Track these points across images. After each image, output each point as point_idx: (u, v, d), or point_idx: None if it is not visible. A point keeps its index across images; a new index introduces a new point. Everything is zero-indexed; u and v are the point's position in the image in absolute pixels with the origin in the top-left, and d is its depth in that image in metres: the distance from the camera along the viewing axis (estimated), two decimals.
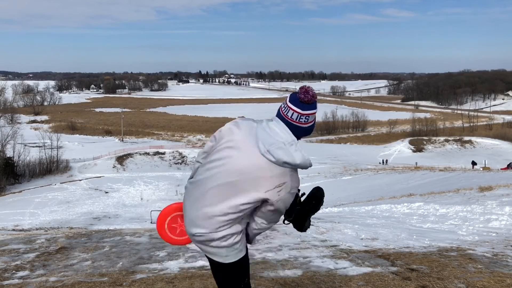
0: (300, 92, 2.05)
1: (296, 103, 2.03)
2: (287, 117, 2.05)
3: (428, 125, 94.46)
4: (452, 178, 24.87)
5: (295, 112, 2.03)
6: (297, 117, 2.03)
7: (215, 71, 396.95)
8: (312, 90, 2.06)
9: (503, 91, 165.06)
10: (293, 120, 2.04)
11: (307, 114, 2.03)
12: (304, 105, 2.03)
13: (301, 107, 2.03)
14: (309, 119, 2.06)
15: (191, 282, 3.88)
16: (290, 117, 2.04)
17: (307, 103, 2.03)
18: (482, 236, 6.57)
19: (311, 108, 2.04)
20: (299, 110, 2.02)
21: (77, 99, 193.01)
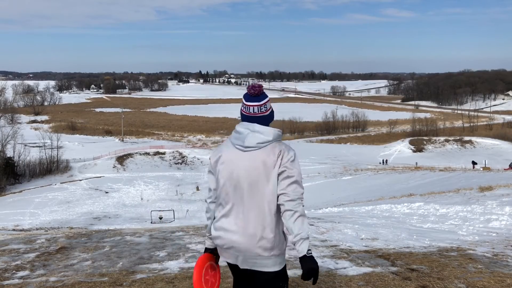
0: (248, 89, 2.42)
1: (249, 99, 2.41)
2: (247, 112, 2.41)
3: (428, 125, 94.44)
4: (452, 178, 24.86)
5: (250, 106, 2.39)
6: (253, 109, 2.39)
7: (215, 71, 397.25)
8: (258, 85, 2.43)
9: (503, 91, 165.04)
10: (251, 113, 2.40)
11: (260, 104, 2.39)
12: (254, 98, 2.40)
13: (253, 100, 2.40)
14: (262, 109, 2.40)
15: (191, 282, 3.88)
16: (249, 112, 2.40)
17: (257, 95, 2.40)
18: (482, 236, 6.56)
19: (262, 99, 2.40)
20: (256, 103, 2.39)
21: (77, 99, 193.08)
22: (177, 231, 6.49)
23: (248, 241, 2.28)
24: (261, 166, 2.29)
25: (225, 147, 2.44)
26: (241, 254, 2.33)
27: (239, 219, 2.32)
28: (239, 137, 2.39)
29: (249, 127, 2.38)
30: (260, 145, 2.33)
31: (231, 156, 2.38)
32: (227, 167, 2.37)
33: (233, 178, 2.34)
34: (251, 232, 2.28)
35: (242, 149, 2.35)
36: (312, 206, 25.55)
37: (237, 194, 2.33)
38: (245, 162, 2.32)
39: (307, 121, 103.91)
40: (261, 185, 2.29)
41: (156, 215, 35.93)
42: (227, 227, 2.34)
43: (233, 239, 2.32)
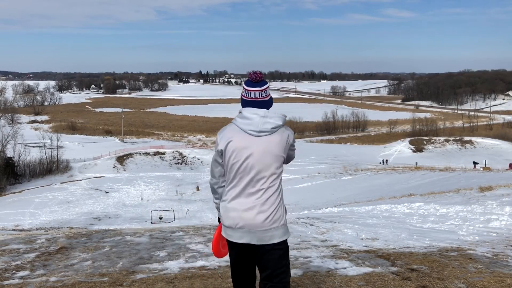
0: (250, 75, 2.58)
1: (250, 84, 2.57)
2: (248, 97, 2.57)
3: (428, 125, 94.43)
4: (452, 178, 24.85)
5: (251, 91, 2.56)
6: (254, 94, 2.55)
7: (215, 71, 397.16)
8: (258, 72, 2.58)
9: (503, 91, 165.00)
10: (252, 98, 2.56)
11: (261, 89, 2.57)
12: (255, 84, 2.57)
13: (254, 85, 2.57)
14: (262, 94, 2.57)
15: (191, 282, 3.88)
16: (250, 96, 2.56)
17: (258, 81, 2.57)
18: (483, 236, 6.56)
19: (262, 85, 2.58)
20: (257, 88, 2.56)
21: (77, 99, 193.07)
22: (177, 231, 6.49)
23: (264, 217, 2.47)
24: (274, 149, 2.49)
25: (233, 132, 2.52)
26: (256, 231, 2.48)
27: (254, 198, 2.48)
28: (250, 123, 2.49)
29: (257, 112, 2.51)
30: (273, 130, 2.50)
31: (244, 141, 2.48)
32: (241, 152, 2.48)
33: (248, 162, 2.47)
34: (265, 209, 2.47)
35: (256, 134, 2.48)
36: (312, 206, 25.55)
37: (250, 176, 2.48)
38: (259, 147, 2.47)
39: (307, 121, 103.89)
40: (274, 167, 2.50)
41: (156, 215, 35.93)
42: (242, 207, 2.49)
43: (248, 217, 2.47)
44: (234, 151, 2.49)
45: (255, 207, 2.48)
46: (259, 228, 2.47)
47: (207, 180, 53.94)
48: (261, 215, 2.47)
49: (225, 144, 2.51)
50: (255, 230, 2.48)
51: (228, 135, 2.53)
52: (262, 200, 2.48)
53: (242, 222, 2.49)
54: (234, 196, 2.52)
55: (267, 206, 2.48)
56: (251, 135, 2.48)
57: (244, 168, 2.48)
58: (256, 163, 2.47)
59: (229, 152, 2.50)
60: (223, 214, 2.57)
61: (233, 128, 2.55)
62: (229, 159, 2.51)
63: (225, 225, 2.56)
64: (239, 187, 2.52)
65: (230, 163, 2.52)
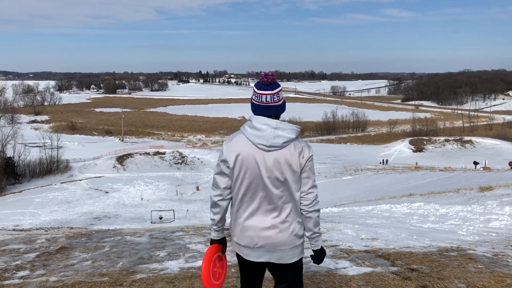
0: (261, 77, 2.36)
1: (261, 87, 2.34)
2: (259, 101, 2.34)
3: (428, 125, 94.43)
4: (452, 178, 24.85)
5: (262, 95, 2.32)
6: (265, 98, 2.32)
7: (215, 71, 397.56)
8: (271, 73, 2.36)
9: (503, 91, 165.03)
10: (263, 102, 2.33)
11: (273, 93, 2.33)
12: (267, 87, 2.33)
13: (266, 88, 2.33)
14: (274, 98, 2.34)
15: (191, 282, 3.88)
16: (261, 100, 2.33)
17: (269, 84, 2.34)
18: (482, 236, 6.56)
19: (274, 88, 2.34)
20: (269, 92, 2.32)
21: (77, 99, 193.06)
22: (177, 231, 6.49)
23: (285, 237, 2.34)
24: (286, 165, 2.30)
25: (242, 144, 2.33)
26: (276, 250, 2.36)
27: (271, 216, 2.34)
28: (260, 135, 2.29)
29: (268, 123, 2.31)
30: (284, 145, 2.30)
31: (252, 155, 2.30)
32: (250, 167, 2.30)
33: (260, 178, 2.30)
34: (285, 227, 2.34)
35: (266, 149, 2.29)
36: None
37: (265, 192, 2.32)
38: (270, 162, 2.29)
39: (307, 121, 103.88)
40: (290, 183, 2.32)
41: (156, 215, 35.94)
42: (260, 225, 2.34)
43: (267, 235, 2.33)
44: (244, 165, 2.31)
45: (275, 227, 2.34)
46: (280, 247, 2.35)
47: (207, 180, 54.10)
48: (282, 234, 2.34)
49: (234, 156, 2.32)
50: (276, 249, 2.35)
51: (236, 146, 2.33)
52: (281, 218, 2.34)
53: (262, 242, 2.34)
54: (250, 213, 2.36)
55: (287, 224, 2.35)
56: (260, 149, 2.29)
57: (257, 184, 2.31)
58: (268, 179, 2.30)
59: (238, 165, 2.32)
60: (238, 233, 2.40)
61: (242, 139, 2.34)
62: (238, 173, 2.33)
63: (241, 244, 2.40)
64: (254, 204, 2.35)
65: (239, 178, 2.33)
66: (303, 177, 2.35)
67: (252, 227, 2.35)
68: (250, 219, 2.36)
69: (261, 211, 2.34)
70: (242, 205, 2.37)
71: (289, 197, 2.34)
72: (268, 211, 2.34)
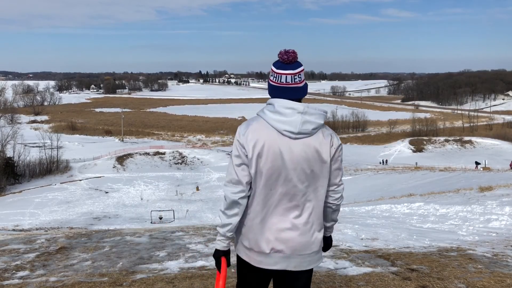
0: (281, 55, 2.04)
1: (281, 66, 2.03)
2: (278, 82, 2.03)
3: (428, 125, 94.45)
4: (452, 178, 24.85)
5: (282, 75, 2.01)
6: (285, 79, 2.01)
7: (215, 71, 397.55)
8: (292, 50, 2.04)
9: (503, 91, 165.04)
10: (283, 83, 2.02)
11: (294, 73, 2.02)
12: (287, 65, 2.02)
13: (286, 67, 2.02)
14: (296, 79, 2.03)
15: (191, 282, 3.88)
16: (280, 81, 2.02)
17: (290, 62, 2.02)
18: (482, 236, 6.57)
19: (296, 67, 2.03)
20: (289, 71, 2.01)
21: (77, 99, 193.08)
22: (177, 231, 6.49)
23: (306, 238, 2.05)
24: (315, 155, 2.00)
25: (262, 130, 1.99)
26: (294, 256, 2.05)
27: (292, 216, 2.03)
28: (285, 121, 1.96)
29: (294, 107, 1.98)
30: (313, 132, 2.00)
31: (276, 143, 1.97)
32: (272, 157, 1.97)
33: (282, 171, 1.98)
34: (307, 229, 2.05)
35: (293, 137, 1.97)
36: None
37: (285, 187, 2.01)
38: (296, 152, 1.97)
39: None
40: (316, 177, 2.03)
41: (156, 215, 35.93)
42: (279, 226, 2.03)
43: (287, 238, 2.02)
44: (264, 155, 1.97)
45: (296, 228, 2.03)
46: (300, 252, 2.04)
47: (207, 180, 54.13)
48: (303, 237, 2.04)
49: (252, 144, 1.98)
50: (295, 254, 2.04)
51: (257, 134, 1.98)
52: (303, 218, 2.03)
53: (280, 246, 2.02)
54: (267, 212, 2.03)
55: (308, 226, 2.05)
56: (286, 136, 1.97)
57: (277, 177, 1.99)
58: (292, 172, 1.98)
59: (256, 155, 1.97)
60: (251, 236, 2.05)
61: (262, 124, 2.01)
62: (256, 164, 1.99)
63: (255, 250, 2.05)
64: (272, 201, 2.02)
65: (257, 171, 1.99)
66: (333, 168, 2.07)
67: (269, 229, 2.03)
68: (267, 220, 2.03)
69: (280, 210, 2.03)
70: (258, 202, 2.03)
71: (312, 193, 2.04)
72: (288, 209, 2.03)
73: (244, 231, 2.08)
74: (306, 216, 2.05)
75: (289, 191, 2.01)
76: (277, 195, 2.01)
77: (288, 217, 2.03)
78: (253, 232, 2.05)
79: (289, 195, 2.02)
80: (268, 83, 2.08)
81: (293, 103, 1.98)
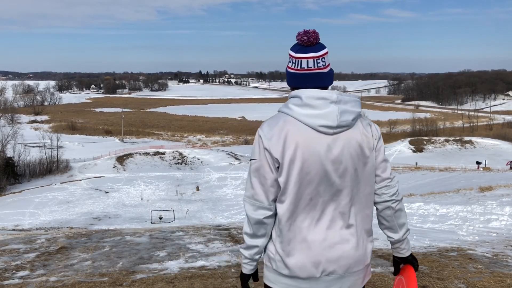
0: (299, 36, 1.72)
1: (300, 49, 1.70)
2: (297, 69, 1.70)
3: (428, 125, 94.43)
4: (452, 178, 24.85)
5: (302, 59, 1.68)
6: (307, 63, 1.68)
7: (215, 71, 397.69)
8: (312, 30, 1.73)
9: (503, 91, 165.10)
10: (303, 70, 1.69)
11: (317, 56, 1.69)
12: (308, 48, 1.70)
13: (307, 50, 1.70)
14: (319, 63, 1.70)
15: (191, 282, 3.88)
16: (300, 67, 1.69)
17: (311, 44, 1.70)
18: (482, 236, 6.56)
19: (319, 49, 1.70)
20: (311, 54, 1.69)
21: (77, 99, 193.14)
22: (177, 231, 6.49)
23: (358, 251, 1.71)
24: (358, 150, 1.67)
25: (292, 129, 1.64)
26: (348, 274, 1.70)
27: (339, 226, 1.69)
28: (319, 114, 1.62)
29: (325, 96, 1.64)
30: (352, 123, 1.67)
31: (312, 142, 1.62)
32: (309, 160, 1.62)
33: (320, 174, 1.64)
34: (357, 239, 1.71)
35: (331, 132, 1.63)
36: None
37: (328, 193, 1.66)
38: (337, 149, 1.64)
39: None
40: (360, 175, 1.69)
41: (156, 215, 35.94)
42: (327, 241, 1.67)
43: (339, 255, 1.67)
44: (298, 158, 1.62)
45: (346, 240, 1.68)
46: (353, 268, 1.70)
47: (207, 180, 54.11)
48: (355, 250, 1.70)
49: (281, 148, 1.63)
50: (349, 272, 1.70)
51: (285, 134, 1.63)
52: (351, 228, 1.69)
53: (332, 265, 1.66)
54: (309, 227, 1.66)
55: (359, 236, 1.71)
56: (322, 132, 1.63)
57: (319, 182, 1.64)
58: (334, 175, 1.64)
59: (288, 160, 1.62)
60: (293, 261, 1.66)
61: (291, 123, 1.65)
62: (289, 170, 1.63)
63: (301, 276, 1.66)
64: (314, 213, 1.66)
65: (291, 177, 1.63)
66: (379, 161, 1.74)
67: (316, 248, 1.66)
68: (310, 236, 1.66)
69: (325, 222, 1.67)
70: (296, 217, 1.66)
71: (356, 196, 1.70)
72: (334, 220, 1.68)
73: (281, 256, 1.69)
74: (354, 224, 1.70)
75: (333, 198, 1.67)
76: (319, 205, 1.66)
77: (335, 229, 1.68)
78: (295, 255, 1.67)
79: (333, 202, 1.67)
80: (286, 71, 1.77)
81: (323, 91, 1.66)
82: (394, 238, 1.81)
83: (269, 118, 1.73)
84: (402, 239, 1.81)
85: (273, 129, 1.65)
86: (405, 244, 1.82)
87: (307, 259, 1.66)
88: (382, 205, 1.77)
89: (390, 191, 1.75)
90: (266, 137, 1.65)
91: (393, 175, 1.78)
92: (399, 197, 1.78)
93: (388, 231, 1.81)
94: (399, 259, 1.88)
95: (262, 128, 1.70)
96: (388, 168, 1.77)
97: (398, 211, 1.78)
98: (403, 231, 1.80)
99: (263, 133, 1.67)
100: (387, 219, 1.79)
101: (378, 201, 1.77)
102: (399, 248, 1.84)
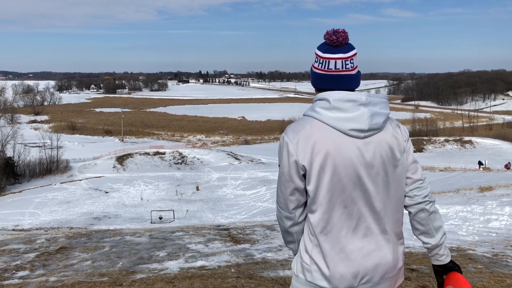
0: (328, 36, 1.65)
1: (328, 49, 1.64)
2: (325, 70, 1.63)
3: (428, 125, 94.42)
4: (452, 178, 24.86)
5: (330, 60, 1.62)
6: (335, 64, 1.62)
7: (215, 71, 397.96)
8: (342, 30, 1.66)
9: (503, 91, 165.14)
10: (331, 71, 1.62)
11: (346, 57, 1.62)
12: (336, 48, 1.63)
13: (335, 50, 1.63)
14: (348, 65, 1.63)
15: (191, 282, 3.88)
16: (327, 68, 1.63)
17: (340, 45, 1.63)
18: (482, 236, 6.57)
19: (348, 50, 1.63)
20: (340, 55, 1.62)
21: (77, 99, 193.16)
22: (177, 231, 6.49)
23: (393, 256, 1.67)
24: (389, 154, 1.62)
25: (321, 134, 1.57)
26: (384, 280, 1.66)
27: (374, 233, 1.64)
28: (349, 118, 1.56)
29: (354, 98, 1.59)
30: (383, 126, 1.62)
31: (343, 148, 1.57)
32: (340, 166, 1.56)
33: (354, 180, 1.58)
34: (390, 243, 1.67)
35: (362, 136, 1.57)
36: None
37: (363, 200, 1.61)
38: (369, 153, 1.59)
39: None
40: (391, 179, 1.64)
41: (156, 215, 35.95)
42: (365, 250, 1.62)
43: (376, 262, 1.63)
44: (329, 164, 1.56)
45: (382, 247, 1.64)
46: (388, 274, 1.66)
47: (207, 180, 54.10)
48: (390, 256, 1.66)
49: (310, 154, 1.56)
50: (384, 278, 1.65)
51: (314, 140, 1.57)
52: (385, 234, 1.65)
53: (369, 274, 1.62)
54: (346, 237, 1.61)
55: (392, 240, 1.67)
56: (353, 136, 1.57)
57: (352, 189, 1.58)
58: (367, 180, 1.59)
59: (317, 167, 1.56)
60: (331, 273, 1.60)
61: (319, 127, 1.59)
62: (319, 178, 1.57)
63: (340, 287, 1.61)
64: (350, 223, 1.61)
65: (323, 185, 1.58)
66: (409, 162, 1.69)
67: (355, 257, 1.61)
68: (348, 245, 1.61)
69: (362, 229, 1.62)
70: (334, 225, 1.61)
71: (387, 201, 1.64)
72: (369, 227, 1.63)
73: (319, 267, 1.63)
74: (387, 229, 1.65)
75: (367, 205, 1.61)
76: (355, 212, 1.60)
77: (371, 236, 1.63)
78: (334, 266, 1.61)
79: (367, 209, 1.62)
80: (312, 71, 1.70)
81: (352, 93, 1.59)
82: (431, 243, 1.73)
83: (294, 122, 1.68)
84: (440, 243, 1.73)
85: (299, 134, 1.59)
86: (444, 249, 1.74)
87: (347, 269, 1.61)
88: (415, 208, 1.71)
89: (423, 193, 1.70)
90: (292, 143, 1.59)
91: (424, 176, 1.73)
92: (432, 198, 1.73)
93: (424, 237, 1.74)
94: (439, 268, 1.76)
95: (286, 132, 1.63)
96: (419, 169, 1.72)
97: (433, 213, 1.71)
98: (439, 235, 1.72)
99: (289, 138, 1.60)
100: (422, 222, 1.72)
101: (411, 204, 1.71)
102: (438, 254, 1.74)
